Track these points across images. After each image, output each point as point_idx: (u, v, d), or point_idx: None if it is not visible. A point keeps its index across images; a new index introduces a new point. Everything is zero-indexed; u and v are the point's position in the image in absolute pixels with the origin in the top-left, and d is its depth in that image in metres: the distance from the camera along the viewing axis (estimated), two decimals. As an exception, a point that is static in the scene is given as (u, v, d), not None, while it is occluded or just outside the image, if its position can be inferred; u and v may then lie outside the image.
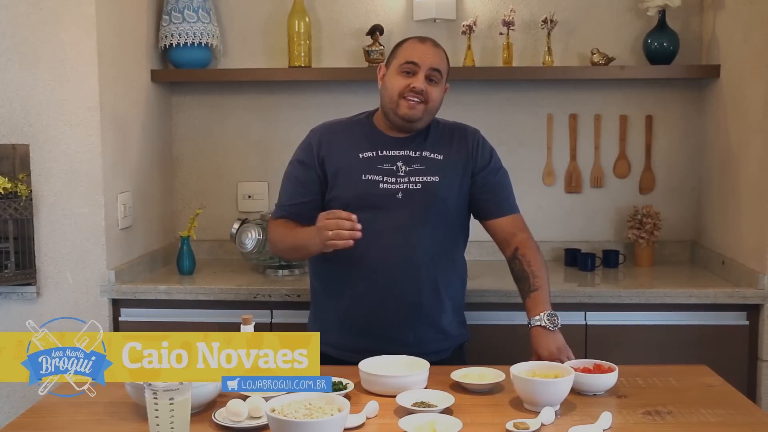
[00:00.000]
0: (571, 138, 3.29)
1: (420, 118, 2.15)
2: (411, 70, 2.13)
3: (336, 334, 2.15)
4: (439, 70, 2.15)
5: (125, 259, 2.85)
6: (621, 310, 2.71)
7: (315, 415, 1.51)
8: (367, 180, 2.15)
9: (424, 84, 2.13)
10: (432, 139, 2.22)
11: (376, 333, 2.14)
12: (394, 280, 2.13)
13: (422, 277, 2.15)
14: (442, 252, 2.19)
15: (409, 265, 2.14)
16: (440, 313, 2.19)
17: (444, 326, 2.20)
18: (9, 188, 2.62)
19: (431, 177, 2.16)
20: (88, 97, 2.65)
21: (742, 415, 1.72)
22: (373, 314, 2.15)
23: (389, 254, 2.13)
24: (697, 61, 3.20)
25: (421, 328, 2.16)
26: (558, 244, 3.28)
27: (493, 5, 3.24)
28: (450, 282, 2.22)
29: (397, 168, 2.17)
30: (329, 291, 2.22)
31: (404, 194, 2.15)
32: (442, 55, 2.19)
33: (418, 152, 2.19)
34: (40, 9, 2.62)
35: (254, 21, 3.29)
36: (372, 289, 2.14)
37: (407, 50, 2.17)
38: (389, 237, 2.13)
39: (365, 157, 2.18)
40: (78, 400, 1.79)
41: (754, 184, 2.74)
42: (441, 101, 2.20)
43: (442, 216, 2.18)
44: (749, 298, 2.66)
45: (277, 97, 3.28)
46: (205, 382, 1.66)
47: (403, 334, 2.15)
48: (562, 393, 1.72)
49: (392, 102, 2.15)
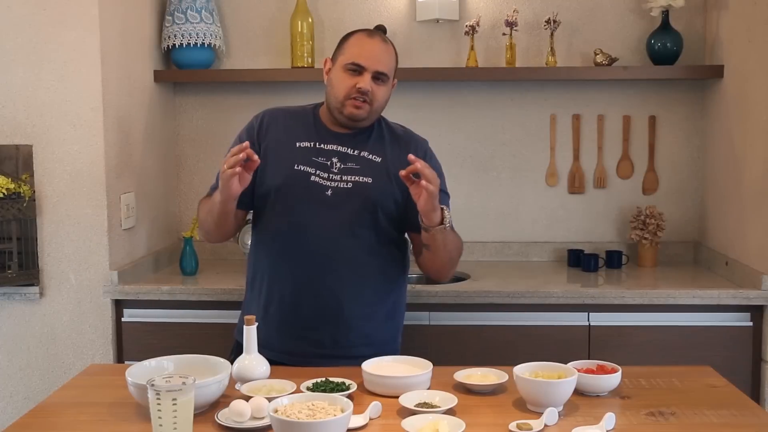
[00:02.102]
0: (575, 138, 3.29)
1: (365, 117, 2.12)
2: (357, 69, 2.08)
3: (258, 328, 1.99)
4: (386, 72, 2.10)
5: (128, 260, 2.86)
6: (624, 311, 2.70)
7: (318, 415, 1.51)
8: (299, 170, 2.10)
9: (371, 84, 2.08)
10: (374, 140, 2.17)
11: (292, 332, 2.10)
12: (314, 278, 2.08)
13: (344, 278, 2.08)
14: (369, 255, 2.11)
15: (331, 264, 2.08)
16: (364, 318, 2.12)
17: (368, 331, 2.13)
18: (12, 189, 2.62)
19: (364, 178, 2.10)
20: (91, 98, 2.66)
21: (745, 416, 1.72)
22: (290, 312, 2.10)
23: (311, 251, 2.08)
24: (700, 61, 3.20)
25: (340, 330, 2.10)
26: (561, 244, 3.28)
27: (496, 5, 3.24)
28: (381, 287, 2.15)
29: (332, 164, 2.12)
30: (254, 284, 2.18)
31: (333, 191, 2.09)
32: (390, 54, 2.14)
33: (356, 151, 2.14)
34: (43, 10, 2.63)
35: (257, 21, 3.29)
36: (291, 286, 2.09)
37: (354, 48, 2.11)
38: (313, 233, 2.08)
39: (302, 146, 2.14)
40: (81, 400, 1.81)
41: (757, 185, 2.74)
42: (387, 100, 2.16)
43: (371, 218, 2.11)
44: (753, 299, 2.66)
45: (280, 97, 3.27)
46: (209, 383, 1.66)
47: (319, 335, 2.09)
48: (565, 394, 1.71)
49: (337, 101, 2.11)
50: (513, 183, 3.31)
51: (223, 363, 1.80)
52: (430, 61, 3.24)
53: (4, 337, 2.74)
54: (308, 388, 1.77)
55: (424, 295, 2.70)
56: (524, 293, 2.70)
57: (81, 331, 2.74)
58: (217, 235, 2.20)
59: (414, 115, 2.99)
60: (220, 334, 2.61)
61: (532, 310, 2.71)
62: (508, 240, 3.32)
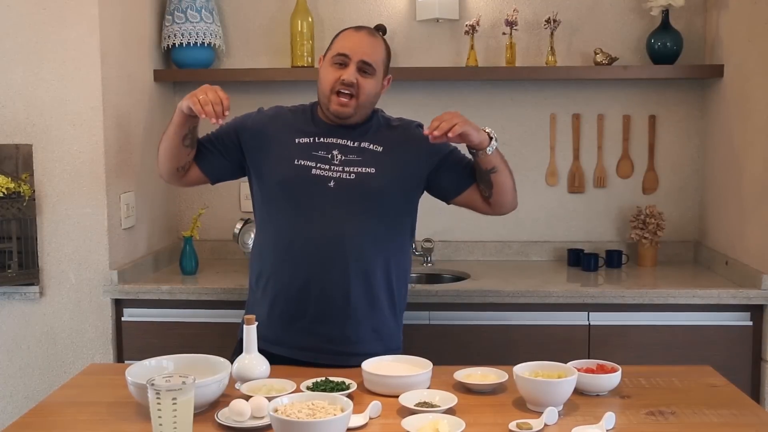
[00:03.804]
0: (575, 138, 3.28)
1: (352, 114, 2.11)
2: (342, 61, 2.08)
3: (264, 325, 2.01)
4: (371, 63, 2.09)
5: (128, 259, 2.85)
6: (624, 311, 2.70)
7: (318, 415, 1.51)
8: (299, 165, 2.10)
9: (355, 76, 2.07)
10: (374, 131, 2.17)
11: (301, 326, 2.09)
12: (320, 271, 2.06)
13: (350, 270, 2.07)
14: (375, 247, 2.10)
15: (337, 256, 2.06)
16: (373, 311, 2.11)
17: (377, 326, 2.13)
18: (12, 188, 2.62)
19: (367, 168, 2.09)
20: (91, 97, 2.66)
21: (745, 416, 1.72)
22: (297, 306, 2.09)
23: (317, 244, 2.06)
24: (700, 60, 3.19)
25: (348, 324, 2.09)
26: (561, 244, 3.28)
27: (496, 5, 3.24)
28: (387, 279, 2.14)
29: (332, 156, 2.11)
30: (259, 280, 2.16)
31: (336, 183, 2.08)
32: (377, 46, 2.13)
33: (356, 142, 2.13)
34: (44, 9, 2.63)
35: (257, 21, 3.29)
36: (297, 280, 2.08)
37: (340, 41, 2.12)
38: (318, 226, 2.07)
39: (302, 142, 2.14)
40: (81, 399, 1.81)
41: (757, 184, 2.74)
42: (377, 95, 2.15)
43: (376, 209, 2.10)
44: (753, 298, 2.66)
45: (280, 97, 3.25)
46: (208, 382, 1.66)
47: (328, 330, 2.08)
48: (565, 393, 1.72)
49: (325, 96, 2.11)
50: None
51: (223, 362, 1.80)
52: (430, 61, 3.24)
53: (4, 337, 2.74)
54: (308, 387, 1.77)
55: (424, 295, 2.70)
56: (524, 293, 2.70)
57: (81, 331, 2.74)
58: (163, 162, 2.20)
59: (414, 115, 2.94)
60: (220, 334, 2.62)
61: (532, 310, 2.71)
62: (508, 239, 3.32)
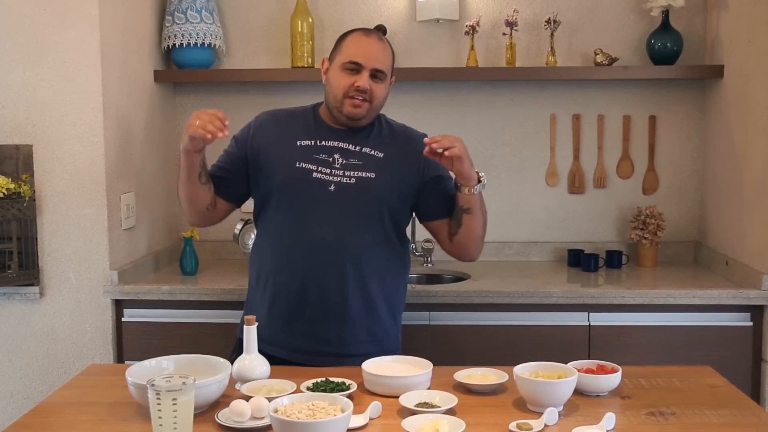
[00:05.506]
0: (575, 138, 3.28)
1: (364, 116, 2.13)
2: (355, 68, 2.10)
3: (263, 325, 2.02)
4: (383, 70, 2.12)
5: (128, 260, 2.86)
6: (624, 311, 2.70)
7: (318, 415, 1.51)
8: (300, 168, 2.12)
9: (369, 82, 2.10)
10: (375, 136, 2.19)
11: (298, 328, 2.10)
12: (318, 273, 2.08)
13: (349, 273, 2.09)
14: (373, 250, 2.13)
15: (336, 259, 2.08)
16: (370, 314, 2.13)
17: (374, 329, 2.14)
18: (12, 189, 2.62)
19: (367, 173, 2.12)
20: (91, 98, 2.66)
21: (746, 416, 1.72)
22: (295, 308, 2.10)
23: (315, 247, 2.09)
24: (700, 61, 3.20)
25: (345, 327, 2.11)
26: (561, 244, 3.28)
27: (497, 5, 3.24)
28: (384, 283, 2.16)
29: (334, 160, 2.13)
30: (259, 280, 2.18)
31: (337, 187, 2.10)
32: (387, 52, 2.16)
33: (358, 147, 2.15)
34: (44, 9, 2.63)
35: (257, 21, 3.29)
36: (296, 282, 2.10)
37: (351, 47, 2.13)
38: (317, 229, 2.09)
39: (303, 145, 2.15)
40: (81, 400, 1.81)
41: (757, 185, 2.73)
42: (385, 98, 2.18)
43: (375, 214, 2.12)
44: (753, 298, 2.66)
45: (280, 97, 3.28)
46: (209, 383, 1.66)
47: (325, 332, 2.10)
48: (565, 394, 1.71)
49: (336, 100, 2.13)
50: (513, 183, 3.31)
51: (223, 363, 1.80)
52: (430, 61, 3.24)
53: (4, 337, 2.74)
54: (308, 388, 1.77)
55: (424, 295, 2.70)
56: (524, 293, 2.70)
57: (81, 331, 2.74)
58: (190, 210, 2.21)
59: (414, 115, 2.98)
60: (220, 334, 2.62)
61: (532, 310, 2.71)
62: (508, 240, 3.32)
